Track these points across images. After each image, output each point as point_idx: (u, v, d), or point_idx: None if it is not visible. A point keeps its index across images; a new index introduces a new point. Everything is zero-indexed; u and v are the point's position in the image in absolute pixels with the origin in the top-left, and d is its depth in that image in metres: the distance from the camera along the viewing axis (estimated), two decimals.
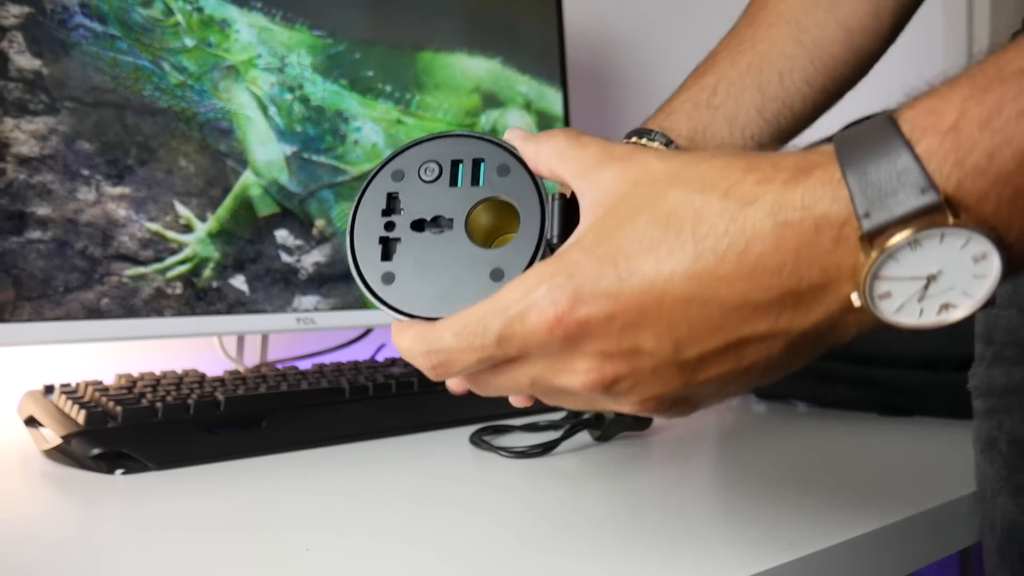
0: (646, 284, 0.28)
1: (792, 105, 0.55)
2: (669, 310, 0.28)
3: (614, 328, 0.28)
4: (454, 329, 0.30)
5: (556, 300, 0.28)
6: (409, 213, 0.33)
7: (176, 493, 0.51)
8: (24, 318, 0.62)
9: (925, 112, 0.26)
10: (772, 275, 0.27)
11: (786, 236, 0.27)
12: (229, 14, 0.74)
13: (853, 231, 0.26)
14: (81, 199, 0.66)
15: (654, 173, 0.30)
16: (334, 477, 0.55)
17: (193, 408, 0.60)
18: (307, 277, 0.78)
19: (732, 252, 0.27)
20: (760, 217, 0.27)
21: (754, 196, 0.27)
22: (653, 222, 0.28)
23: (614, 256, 0.28)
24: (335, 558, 0.40)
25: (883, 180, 0.26)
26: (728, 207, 0.27)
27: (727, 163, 0.29)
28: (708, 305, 0.28)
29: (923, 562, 0.49)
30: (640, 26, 1.31)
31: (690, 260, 0.28)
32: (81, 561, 0.40)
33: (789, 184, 0.27)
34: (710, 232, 0.27)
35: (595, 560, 0.40)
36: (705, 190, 0.28)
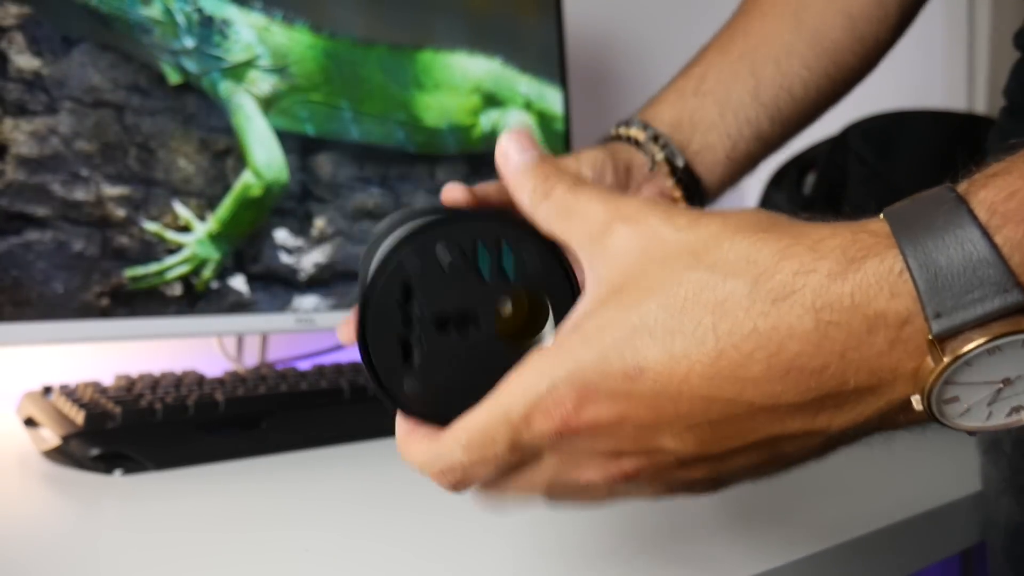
0: (660, 383, 0.24)
1: (791, 89, 0.51)
2: (687, 411, 0.25)
3: (627, 429, 0.25)
4: (461, 443, 0.27)
5: (560, 402, 0.25)
6: (430, 310, 0.29)
7: (175, 494, 0.50)
8: (24, 318, 0.62)
9: (1004, 194, 0.22)
10: (810, 377, 0.24)
11: (830, 336, 0.23)
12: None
13: (917, 332, 0.23)
14: (81, 199, 0.66)
15: (666, 245, 0.25)
16: (334, 477, 0.54)
17: (192, 409, 0.60)
18: (307, 277, 0.78)
19: (761, 352, 0.24)
20: (798, 314, 0.23)
21: (790, 289, 0.23)
22: (666, 309, 0.24)
23: (621, 350, 0.25)
24: (335, 558, 0.40)
25: (956, 275, 0.22)
26: (757, 300, 0.24)
27: (755, 244, 0.24)
28: (732, 405, 0.24)
29: (924, 562, 0.49)
30: (640, 26, 1.31)
31: (710, 359, 0.24)
32: (80, 561, 0.39)
33: (835, 277, 0.23)
34: (735, 328, 0.24)
35: (595, 560, 0.40)
36: (729, 277, 0.24)
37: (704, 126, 0.50)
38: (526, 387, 0.26)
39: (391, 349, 0.29)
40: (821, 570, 0.41)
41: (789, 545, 0.41)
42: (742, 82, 0.51)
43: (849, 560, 0.43)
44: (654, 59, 1.32)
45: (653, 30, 1.33)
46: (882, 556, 0.45)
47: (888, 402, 0.24)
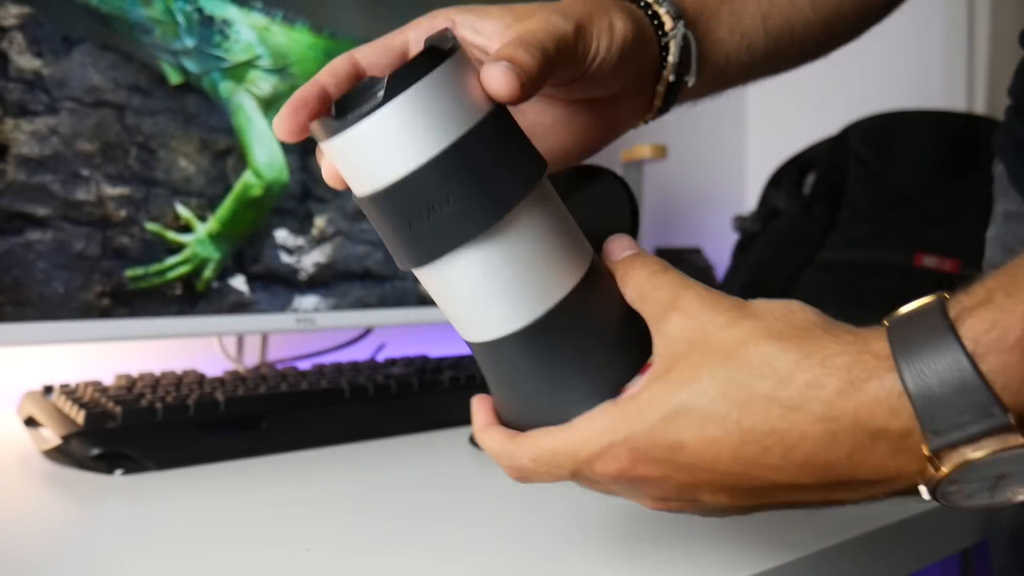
0: (695, 458, 0.29)
1: (793, 25, 0.50)
2: (720, 479, 0.29)
3: (670, 485, 0.30)
4: (531, 455, 0.32)
5: (617, 457, 0.30)
6: None
7: (175, 493, 0.50)
8: (25, 318, 0.62)
9: (987, 325, 0.26)
10: (822, 470, 0.28)
11: (838, 442, 0.27)
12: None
13: (917, 444, 0.26)
14: (82, 199, 0.66)
15: (709, 342, 0.30)
16: (334, 477, 0.54)
17: (193, 408, 0.60)
18: (307, 277, 0.78)
19: (779, 448, 0.28)
20: (809, 421, 0.27)
21: (802, 400, 0.27)
22: (701, 398, 0.29)
23: (665, 426, 0.29)
24: (335, 558, 0.40)
25: (949, 397, 0.25)
26: (775, 405, 0.28)
27: (776, 353, 0.28)
28: (756, 481, 0.29)
29: (924, 562, 0.49)
30: None
31: (735, 447, 0.28)
32: (80, 561, 0.40)
33: (841, 395, 0.27)
34: (756, 426, 0.28)
35: (595, 561, 0.40)
36: (753, 381, 0.28)
37: (716, 34, 0.46)
38: (592, 438, 0.31)
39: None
40: (821, 570, 0.41)
41: (789, 545, 0.41)
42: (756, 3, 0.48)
43: (849, 560, 0.43)
44: None
45: None
46: (882, 556, 0.45)
47: (896, 489, 0.28)
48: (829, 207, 1.06)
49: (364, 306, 0.81)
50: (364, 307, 0.81)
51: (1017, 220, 0.52)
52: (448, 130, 0.27)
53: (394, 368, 0.76)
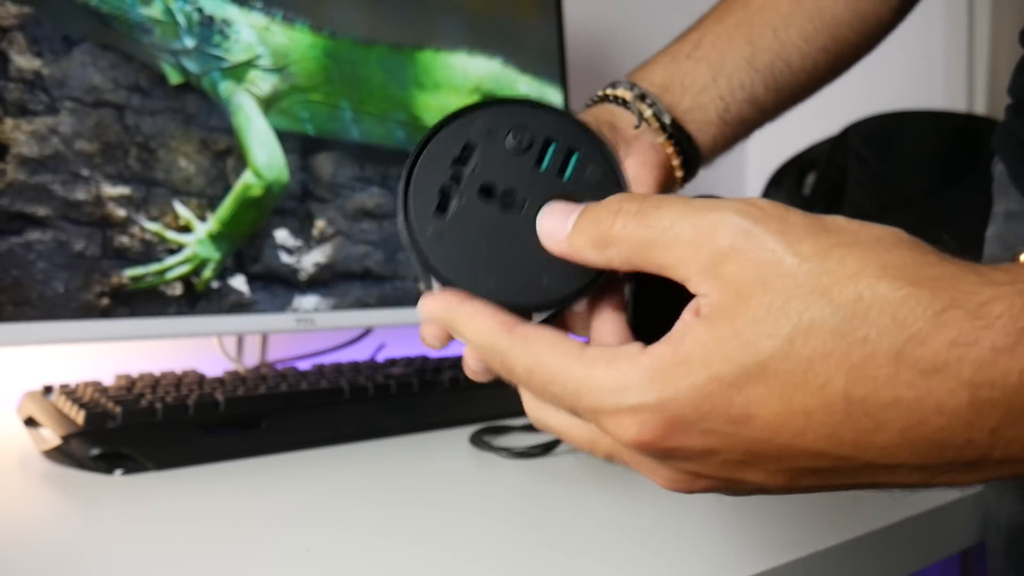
0: (768, 433, 0.22)
1: (788, 59, 0.50)
2: (791, 458, 0.22)
3: (714, 461, 0.23)
4: (524, 364, 0.25)
5: (643, 426, 0.23)
6: (481, 174, 0.29)
7: (175, 493, 0.50)
8: (24, 318, 0.62)
9: None
10: (949, 449, 0.21)
11: (984, 413, 0.21)
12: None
13: None
14: (82, 199, 0.66)
15: (791, 278, 0.22)
16: (334, 477, 0.54)
17: (193, 409, 0.60)
18: (307, 277, 0.78)
19: (899, 424, 0.21)
20: (950, 387, 0.20)
21: (944, 361, 0.20)
22: (787, 358, 0.21)
23: (728, 394, 0.22)
24: (335, 558, 0.40)
25: None
26: (903, 369, 0.21)
27: (905, 300, 0.21)
28: (847, 462, 0.22)
29: (924, 562, 0.49)
30: (640, 26, 1.31)
31: (835, 421, 0.21)
32: (80, 561, 0.39)
33: (1002, 352, 0.20)
34: (871, 396, 0.21)
35: (595, 560, 0.40)
36: (871, 336, 0.21)
37: (696, 88, 0.49)
38: (607, 387, 0.23)
39: (430, 193, 0.29)
40: (821, 570, 0.41)
41: (789, 545, 0.41)
42: (737, 49, 0.50)
43: (849, 560, 0.43)
44: None
45: (653, 30, 1.33)
46: (882, 556, 0.45)
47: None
48: (829, 207, 1.06)
49: (364, 306, 0.81)
50: (364, 307, 0.81)
51: (1018, 219, 0.52)
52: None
53: (394, 368, 0.76)
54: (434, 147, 0.29)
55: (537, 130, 0.29)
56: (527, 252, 0.28)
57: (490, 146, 0.29)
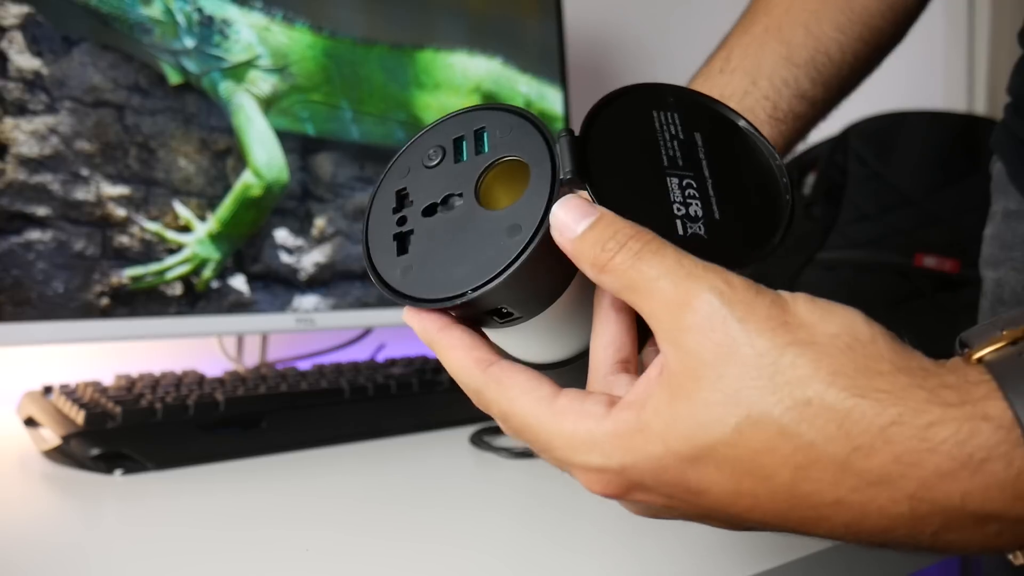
0: (719, 506, 0.24)
1: (828, 52, 0.50)
2: (745, 523, 0.24)
3: (675, 512, 0.25)
4: (501, 405, 0.27)
5: (607, 483, 0.25)
6: (419, 202, 0.30)
7: (175, 493, 0.50)
8: (24, 318, 0.62)
9: None
10: (894, 544, 0.23)
11: (927, 523, 0.22)
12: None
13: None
14: (81, 199, 0.66)
15: (745, 369, 0.22)
16: (334, 477, 0.54)
17: (192, 408, 0.60)
18: (307, 277, 0.78)
19: (840, 519, 0.22)
20: (894, 498, 0.22)
21: (889, 477, 0.21)
22: (737, 447, 0.22)
23: (683, 469, 0.23)
24: (335, 558, 0.40)
25: None
26: (849, 476, 0.22)
27: (853, 409, 0.21)
28: (795, 531, 0.24)
29: (924, 562, 0.49)
30: (640, 26, 1.31)
31: (780, 511, 0.23)
32: (81, 561, 0.39)
33: (947, 478, 0.21)
34: (814, 495, 0.22)
35: (595, 560, 0.40)
36: (818, 440, 0.22)
37: (736, 96, 0.49)
38: (574, 445, 0.25)
39: (387, 248, 0.30)
40: (821, 570, 0.41)
41: (789, 545, 0.41)
42: (772, 50, 0.50)
43: (849, 560, 0.43)
44: (654, 59, 1.32)
45: (653, 30, 1.33)
46: (882, 556, 0.45)
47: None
48: (829, 207, 1.06)
49: (364, 306, 0.81)
50: (364, 307, 0.81)
51: (1017, 218, 0.52)
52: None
53: (394, 368, 0.76)
54: (376, 209, 0.31)
55: (444, 139, 0.31)
56: (483, 226, 0.29)
57: (416, 178, 0.31)
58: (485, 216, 0.29)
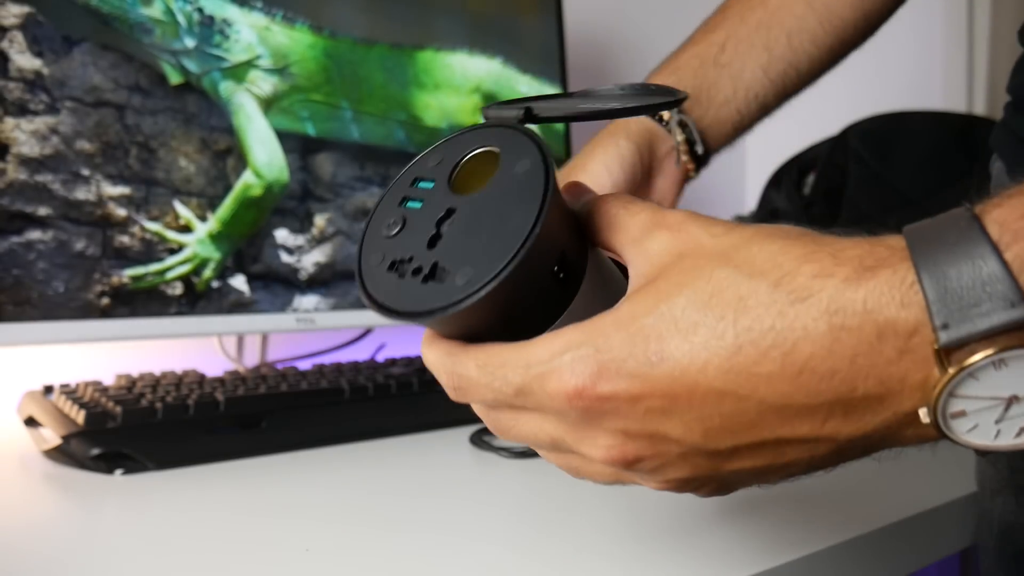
0: (677, 371, 0.25)
1: (798, 66, 0.55)
2: (700, 401, 0.25)
3: (638, 410, 0.26)
4: (478, 361, 0.28)
5: (577, 372, 0.26)
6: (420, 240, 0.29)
7: (176, 493, 0.50)
8: (25, 318, 0.62)
9: (1016, 214, 0.23)
10: (821, 380, 0.24)
11: (841, 340, 0.24)
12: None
13: (926, 342, 0.23)
14: (82, 199, 0.66)
15: (701, 247, 0.27)
16: (334, 477, 0.54)
17: (193, 408, 0.60)
18: (307, 277, 0.78)
19: (777, 351, 0.24)
20: (813, 316, 0.24)
21: (808, 292, 0.24)
22: (693, 302, 0.25)
23: (647, 335, 0.26)
24: (335, 558, 0.40)
25: (965, 288, 0.22)
26: (777, 300, 0.24)
27: (782, 248, 0.26)
28: (744, 402, 0.25)
29: (924, 562, 0.49)
30: (640, 26, 1.31)
31: (728, 352, 0.25)
32: (81, 561, 0.40)
33: (850, 282, 0.24)
34: (754, 325, 0.25)
35: (595, 560, 0.40)
36: (754, 276, 0.25)
37: (718, 101, 0.55)
38: (553, 350, 0.27)
39: (384, 276, 0.29)
40: (821, 570, 0.41)
41: (789, 545, 0.41)
42: (756, 57, 0.55)
43: (849, 560, 0.43)
44: (654, 59, 1.32)
45: (653, 30, 1.33)
46: (882, 556, 0.45)
47: (895, 413, 0.25)
48: (829, 207, 1.06)
49: (364, 306, 0.81)
50: (364, 307, 0.81)
51: None
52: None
53: (394, 368, 0.76)
54: (366, 250, 0.30)
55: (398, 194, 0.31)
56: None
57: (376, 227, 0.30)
58: (466, 200, 0.29)
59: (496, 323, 0.28)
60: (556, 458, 0.31)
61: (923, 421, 0.24)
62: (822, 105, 1.37)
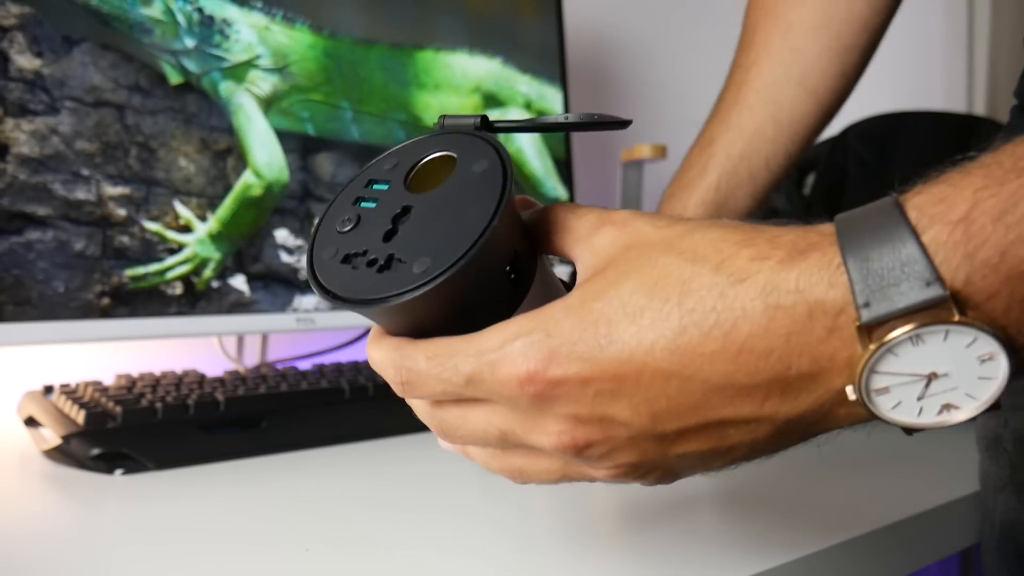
0: (625, 353, 0.26)
1: (777, 183, 0.66)
2: (648, 382, 0.26)
3: (588, 393, 0.27)
4: (427, 352, 0.29)
5: (529, 356, 0.27)
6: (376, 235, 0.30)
7: (176, 493, 0.50)
8: (25, 318, 0.62)
9: (934, 199, 0.24)
10: (759, 359, 0.26)
11: (777, 319, 0.25)
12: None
13: (850, 321, 0.25)
14: (82, 199, 0.66)
15: (647, 238, 0.28)
16: (334, 478, 0.54)
17: (193, 408, 0.60)
18: None
19: (718, 330, 0.26)
20: (751, 296, 0.25)
21: (746, 273, 0.26)
22: (639, 288, 0.27)
23: (596, 319, 0.27)
24: (335, 558, 0.40)
25: (886, 269, 0.24)
26: (718, 282, 0.26)
27: (722, 235, 0.27)
28: (689, 382, 0.26)
29: (924, 562, 0.49)
30: (640, 26, 1.31)
31: (673, 333, 0.26)
32: (81, 561, 0.40)
33: (784, 264, 0.25)
34: (697, 306, 0.26)
35: (595, 560, 0.40)
36: (696, 260, 0.27)
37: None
38: (504, 337, 0.27)
39: (336, 268, 0.29)
40: (821, 570, 0.41)
41: (789, 545, 0.41)
42: (745, 189, 0.65)
43: (849, 560, 0.43)
44: (654, 59, 1.32)
45: (653, 30, 1.33)
46: (882, 556, 0.45)
47: (827, 391, 0.26)
48: (829, 208, 1.06)
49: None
50: None
51: None
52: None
53: None
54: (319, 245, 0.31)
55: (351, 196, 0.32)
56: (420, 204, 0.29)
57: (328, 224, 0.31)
58: (421, 199, 0.29)
59: (447, 317, 0.29)
60: (500, 461, 0.32)
61: (850, 398, 0.25)
62: None
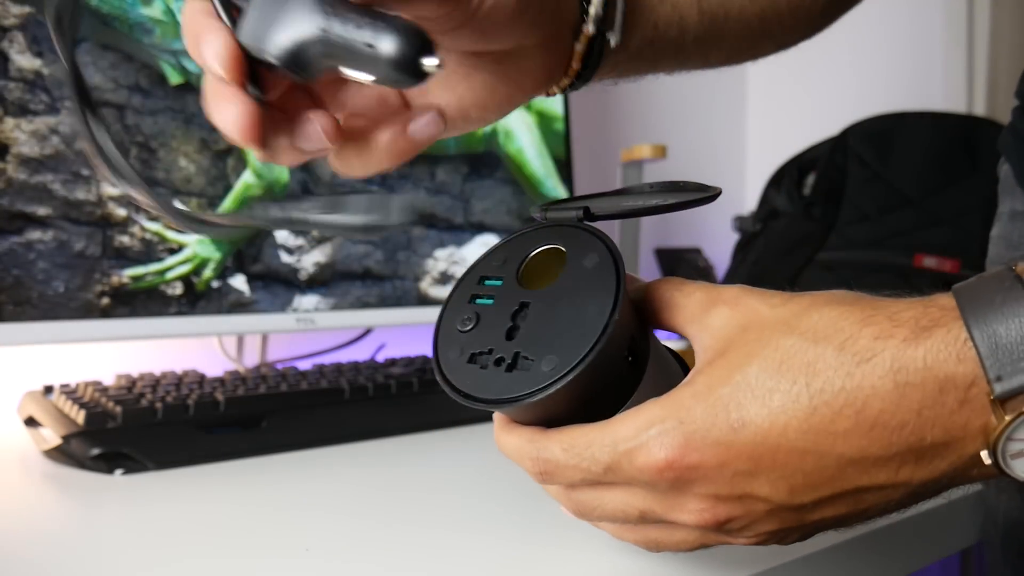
0: (760, 435, 0.27)
1: (728, 10, 0.44)
2: (784, 461, 0.28)
3: (726, 474, 0.28)
4: (563, 444, 0.30)
5: (665, 444, 0.28)
6: (496, 334, 0.31)
7: (176, 493, 0.50)
8: (25, 318, 0.62)
9: None
10: (892, 432, 0.27)
11: (907, 395, 0.26)
12: None
13: (982, 393, 0.26)
14: (82, 198, 0.66)
15: (763, 319, 0.29)
16: (334, 478, 0.54)
17: (193, 408, 0.60)
18: (307, 277, 0.78)
19: (849, 409, 0.27)
20: (879, 375, 0.26)
21: (871, 352, 0.27)
22: (764, 371, 0.28)
23: (726, 404, 0.28)
24: (335, 558, 0.40)
25: (1013, 343, 0.25)
26: (844, 362, 0.27)
27: (841, 314, 0.28)
28: (824, 458, 0.27)
29: (924, 562, 0.49)
30: None
31: (805, 414, 0.27)
32: (81, 561, 0.40)
33: (909, 343, 0.26)
34: (826, 387, 0.27)
35: (597, 560, 0.40)
36: (819, 341, 0.27)
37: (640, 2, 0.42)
38: (638, 426, 0.28)
39: (464, 368, 0.31)
40: (821, 570, 0.41)
41: (789, 545, 0.41)
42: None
43: (849, 560, 0.43)
44: None
45: None
46: (882, 556, 0.45)
47: (960, 456, 0.27)
48: (829, 208, 1.06)
49: (364, 306, 0.81)
50: (364, 307, 0.81)
51: (1023, 219, 0.52)
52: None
53: (394, 368, 0.76)
54: (443, 345, 0.32)
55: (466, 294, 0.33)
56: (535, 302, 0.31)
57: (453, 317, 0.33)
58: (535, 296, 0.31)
59: (576, 407, 0.30)
60: (635, 533, 0.33)
61: (985, 463, 0.27)
62: (822, 105, 1.37)
